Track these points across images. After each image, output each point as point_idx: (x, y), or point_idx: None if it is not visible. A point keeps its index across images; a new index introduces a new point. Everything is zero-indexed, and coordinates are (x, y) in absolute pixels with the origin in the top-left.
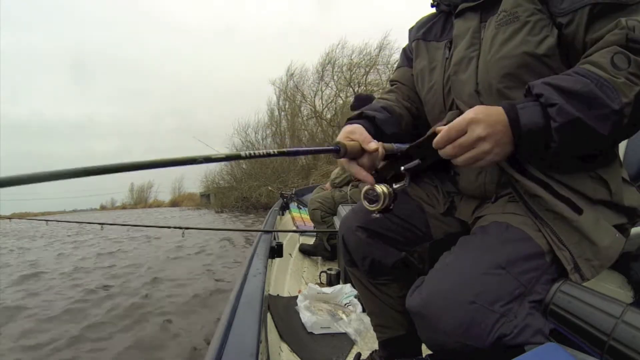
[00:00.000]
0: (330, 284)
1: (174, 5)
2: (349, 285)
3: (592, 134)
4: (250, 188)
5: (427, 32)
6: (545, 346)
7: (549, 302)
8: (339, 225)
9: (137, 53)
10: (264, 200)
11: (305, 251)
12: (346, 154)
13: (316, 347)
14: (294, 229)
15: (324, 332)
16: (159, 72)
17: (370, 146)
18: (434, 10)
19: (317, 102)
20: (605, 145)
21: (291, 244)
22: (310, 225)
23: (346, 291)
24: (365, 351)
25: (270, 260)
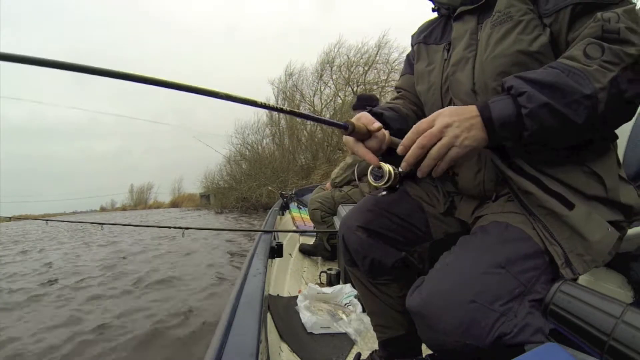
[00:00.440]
0: (330, 284)
1: (174, 5)
2: (349, 285)
3: (566, 120)
4: (250, 188)
5: (428, 36)
6: (545, 346)
7: (549, 302)
8: (339, 225)
9: (137, 53)
10: (264, 200)
11: (305, 251)
12: (353, 132)
13: (316, 347)
14: (294, 229)
15: (324, 332)
16: (159, 72)
17: (374, 126)
18: (435, 15)
19: (316, 101)
20: (587, 134)
21: (291, 244)
22: (310, 225)
23: (346, 291)
24: (365, 351)
25: (270, 260)
